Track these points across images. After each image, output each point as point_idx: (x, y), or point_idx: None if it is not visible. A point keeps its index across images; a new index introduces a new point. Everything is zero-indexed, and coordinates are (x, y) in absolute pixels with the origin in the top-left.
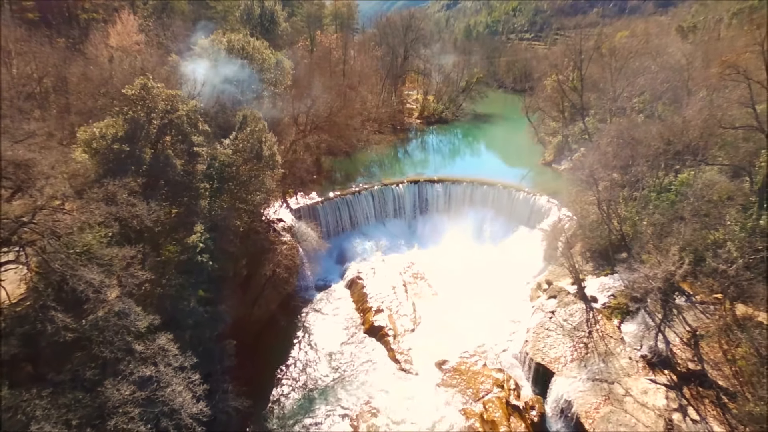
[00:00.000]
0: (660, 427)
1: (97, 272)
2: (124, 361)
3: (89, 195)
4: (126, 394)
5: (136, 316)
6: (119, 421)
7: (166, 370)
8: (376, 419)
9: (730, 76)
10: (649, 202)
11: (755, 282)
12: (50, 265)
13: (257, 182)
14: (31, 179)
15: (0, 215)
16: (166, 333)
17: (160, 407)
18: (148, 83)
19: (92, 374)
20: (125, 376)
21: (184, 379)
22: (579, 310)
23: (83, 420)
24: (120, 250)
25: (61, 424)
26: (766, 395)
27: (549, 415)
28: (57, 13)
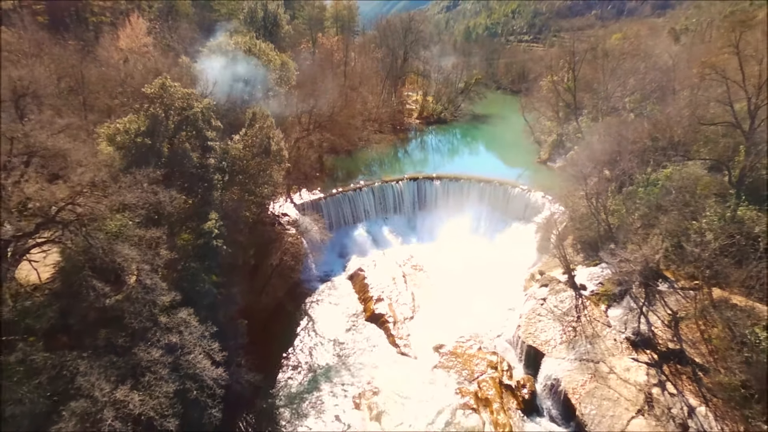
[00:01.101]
0: (640, 400)
1: (129, 249)
2: (151, 330)
3: (121, 181)
4: (156, 356)
5: (161, 291)
6: (151, 378)
7: (189, 338)
8: (377, 397)
9: (709, 76)
10: (636, 195)
11: (731, 267)
12: (89, 242)
13: (265, 176)
14: (68, 167)
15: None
16: (186, 308)
17: (184, 371)
18: (166, 82)
19: (123, 341)
20: (153, 343)
21: (205, 348)
22: (569, 297)
23: (120, 377)
24: (147, 231)
25: (102, 378)
26: (736, 368)
27: (539, 393)
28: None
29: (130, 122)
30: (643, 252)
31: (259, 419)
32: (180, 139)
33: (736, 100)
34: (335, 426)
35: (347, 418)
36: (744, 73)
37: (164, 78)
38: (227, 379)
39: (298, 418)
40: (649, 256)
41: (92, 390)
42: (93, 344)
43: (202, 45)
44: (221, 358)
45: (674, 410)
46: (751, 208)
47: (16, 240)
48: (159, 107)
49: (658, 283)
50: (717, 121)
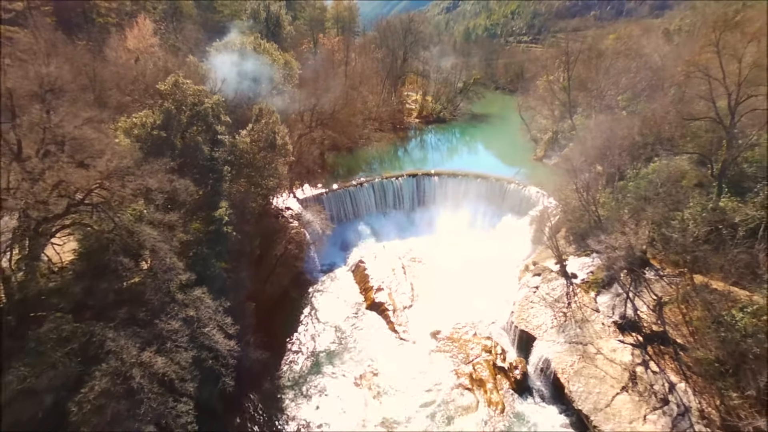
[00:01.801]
0: (625, 378)
1: (150, 229)
2: (169, 305)
3: (143, 168)
4: (176, 326)
5: (178, 271)
6: (171, 345)
7: (204, 312)
8: (377, 378)
9: (693, 74)
10: (626, 189)
11: (712, 254)
12: (115, 222)
13: (271, 168)
14: (93, 156)
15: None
16: (200, 287)
17: (200, 341)
18: (179, 80)
19: (144, 315)
20: (173, 316)
21: (218, 322)
22: (560, 285)
23: (143, 344)
24: (165, 215)
25: (129, 343)
26: (712, 345)
27: (530, 374)
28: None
29: (146, 116)
30: (627, 238)
31: (264, 398)
32: (192, 132)
33: (718, 97)
34: (338, 404)
35: (349, 397)
36: (724, 71)
37: (177, 75)
38: (238, 351)
39: (302, 397)
40: (633, 242)
41: (121, 353)
42: (116, 317)
43: (207, 45)
44: (234, 332)
45: (656, 386)
46: (732, 199)
47: (46, 222)
48: (172, 103)
49: (644, 270)
50: (700, 117)
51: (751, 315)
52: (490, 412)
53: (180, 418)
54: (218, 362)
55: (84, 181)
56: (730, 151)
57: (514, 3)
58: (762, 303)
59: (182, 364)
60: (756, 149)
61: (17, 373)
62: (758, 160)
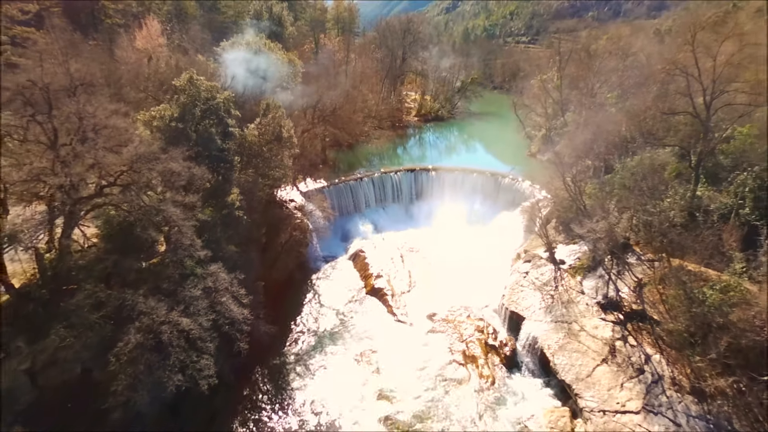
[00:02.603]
0: (605, 351)
1: (173, 208)
2: (189, 277)
3: (167, 155)
4: (197, 294)
5: (197, 247)
6: (194, 309)
7: (221, 283)
8: (376, 355)
9: (672, 71)
10: (613, 180)
11: (688, 239)
12: (143, 201)
13: (277, 160)
14: (122, 143)
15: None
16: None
17: (218, 309)
18: (193, 76)
19: (167, 286)
20: (193, 286)
21: (233, 293)
22: (549, 270)
23: (170, 308)
24: (185, 197)
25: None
26: (683, 319)
27: (519, 350)
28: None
29: (164, 110)
30: (608, 222)
31: (272, 371)
32: (205, 125)
33: (695, 93)
34: (339, 378)
35: (349, 372)
36: (700, 69)
37: (191, 72)
38: (251, 320)
39: (306, 371)
40: (615, 228)
41: (151, 313)
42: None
43: (213, 45)
44: (247, 301)
45: (633, 358)
46: (709, 188)
47: (79, 202)
48: (187, 98)
49: (627, 256)
50: (678, 112)
51: (719, 291)
52: (481, 384)
53: (202, 371)
54: (233, 328)
55: (117, 163)
56: (706, 144)
57: (513, 4)
58: (728, 280)
59: (204, 326)
60: (731, 142)
61: (58, 333)
62: (732, 152)
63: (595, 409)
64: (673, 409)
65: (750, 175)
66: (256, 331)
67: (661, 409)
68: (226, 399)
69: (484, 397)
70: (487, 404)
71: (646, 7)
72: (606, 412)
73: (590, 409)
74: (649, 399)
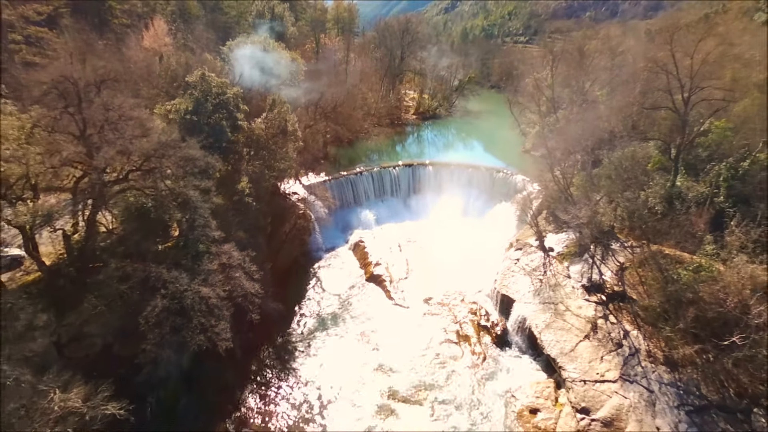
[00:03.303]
0: (588, 328)
1: (193, 191)
2: (206, 254)
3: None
4: (213, 267)
5: (212, 228)
6: (210, 280)
7: (234, 260)
8: (376, 334)
9: (653, 69)
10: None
11: (667, 225)
12: (165, 184)
13: (282, 152)
14: (145, 133)
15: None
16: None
17: (232, 282)
18: (205, 73)
19: (186, 262)
20: (210, 261)
21: (245, 270)
22: (538, 257)
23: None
24: (202, 181)
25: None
26: (658, 297)
27: (509, 330)
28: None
29: (179, 103)
30: (590, 207)
31: (277, 348)
32: (216, 118)
33: (675, 90)
34: (340, 354)
35: (350, 349)
36: (677, 67)
37: (203, 69)
38: (261, 293)
39: (309, 349)
40: (595, 212)
41: (175, 282)
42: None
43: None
44: (258, 276)
45: (613, 334)
46: (688, 179)
47: (108, 186)
48: (200, 93)
49: (611, 243)
50: (659, 107)
51: (692, 271)
52: (473, 360)
53: (219, 335)
54: (246, 300)
55: (143, 150)
56: (684, 137)
57: (511, 4)
58: (700, 261)
59: (220, 296)
60: (709, 135)
61: (90, 302)
62: (710, 145)
63: (577, 379)
64: (647, 377)
65: (725, 165)
66: (265, 308)
67: (636, 378)
68: (235, 373)
69: (475, 372)
70: (479, 377)
71: (643, 8)
72: (586, 381)
73: (572, 380)
74: (626, 369)
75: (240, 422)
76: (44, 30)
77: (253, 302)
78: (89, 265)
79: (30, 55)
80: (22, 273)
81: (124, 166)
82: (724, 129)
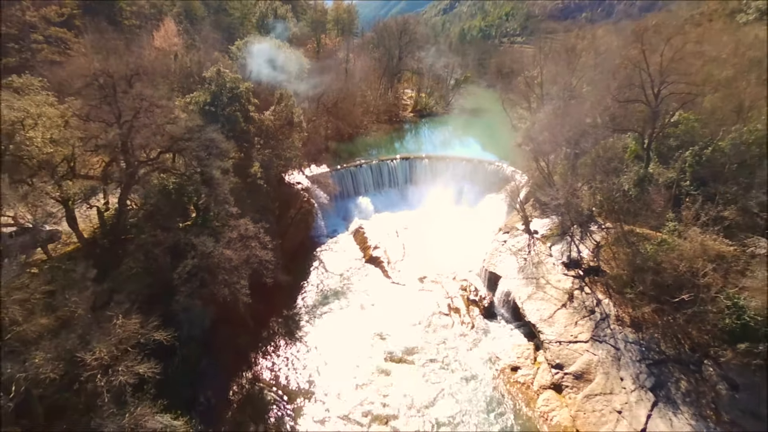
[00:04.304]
0: (565, 298)
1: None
2: (226, 226)
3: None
4: (234, 236)
5: (231, 204)
6: (232, 246)
7: (250, 231)
8: (374, 308)
9: (627, 66)
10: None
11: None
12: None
13: (289, 142)
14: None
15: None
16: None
17: (249, 251)
18: (221, 69)
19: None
20: (230, 230)
21: (260, 240)
22: (524, 239)
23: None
24: (222, 162)
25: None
26: (626, 268)
27: (496, 303)
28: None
29: (198, 96)
30: (567, 190)
31: (285, 319)
32: (231, 110)
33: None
34: (342, 324)
35: (351, 320)
36: (648, 63)
37: (218, 66)
38: (274, 263)
39: (314, 319)
40: (572, 194)
41: (203, 245)
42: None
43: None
44: (271, 246)
45: (587, 303)
46: (659, 166)
47: (141, 165)
48: (216, 86)
49: (590, 225)
50: (632, 100)
51: (656, 245)
52: (463, 329)
53: (240, 290)
54: (261, 265)
55: (173, 132)
56: (655, 128)
57: (508, 5)
58: (663, 237)
59: (241, 257)
60: (679, 126)
61: (128, 264)
62: (679, 135)
63: (553, 341)
64: (614, 338)
65: (690, 153)
66: (276, 278)
67: (605, 338)
68: (248, 340)
69: (464, 338)
70: (466, 342)
71: (638, 8)
72: (561, 342)
73: (549, 341)
74: (597, 331)
75: (254, 379)
76: (63, 30)
77: (268, 268)
78: (121, 237)
79: (51, 54)
80: (61, 245)
81: (155, 147)
82: (692, 120)
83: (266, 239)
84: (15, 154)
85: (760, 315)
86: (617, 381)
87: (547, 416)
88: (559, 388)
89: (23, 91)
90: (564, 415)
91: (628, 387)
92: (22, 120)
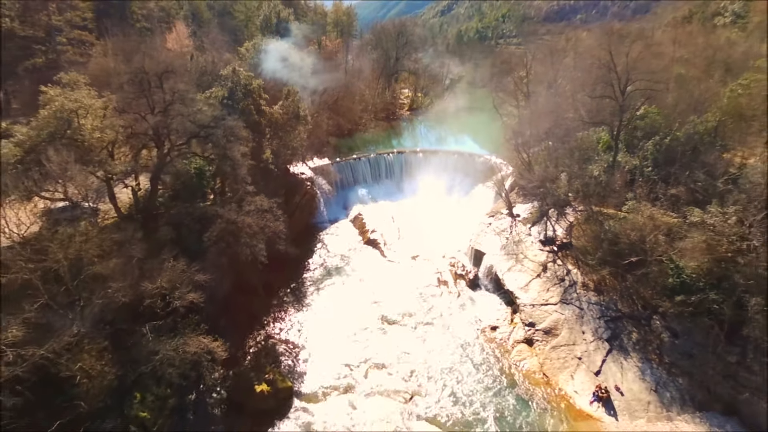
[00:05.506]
0: (539, 270)
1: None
2: (245, 200)
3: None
4: (251, 208)
5: (249, 182)
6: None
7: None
8: (371, 281)
9: (597, 65)
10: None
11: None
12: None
13: (295, 133)
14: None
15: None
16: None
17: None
18: (236, 68)
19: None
20: (248, 204)
21: (273, 213)
22: (507, 221)
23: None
24: (241, 146)
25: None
26: (593, 242)
27: (480, 276)
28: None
29: (216, 91)
30: (539, 174)
31: (292, 290)
32: (245, 103)
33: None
34: (342, 294)
35: (351, 291)
36: (614, 63)
37: (234, 65)
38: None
39: (318, 290)
40: (547, 177)
41: (229, 213)
42: None
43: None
44: (282, 219)
45: (558, 273)
46: (627, 154)
47: (172, 150)
48: (232, 83)
49: (566, 208)
50: (601, 95)
51: (618, 222)
52: (450, 298)
53: (259, 252)
54: (275, 235)
55: (202, 120)
56: (622, 120)
57: (505, 6)
58: (625, 214)
59: (259, 225)
60: (645, 119)
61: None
62: (644, 127)
63: (528, 304)
64: (580, 300)
65: (652, 142)
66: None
67: (572, 301)
68: (260, 306)
69: (450, 304)
70: (453, 308)
71: (632, 10)
72: (534, 305)
73: (524, 305)
74: (565, 296)
75: (267, 336)
76: (85, 33)
77: (280, 237)
78: (152, 213)
79: (74, 55)
80: (101, 220)
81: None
82: (655, 114)
83: (279, 212)
84: (72, 137)
85: (695, 273)
86: (579, 334)
87: (518, 364)
88: (531, 342)
89: (70, 86)
90: (533, 362)
91: (588, 339)
92: (77, 110)
